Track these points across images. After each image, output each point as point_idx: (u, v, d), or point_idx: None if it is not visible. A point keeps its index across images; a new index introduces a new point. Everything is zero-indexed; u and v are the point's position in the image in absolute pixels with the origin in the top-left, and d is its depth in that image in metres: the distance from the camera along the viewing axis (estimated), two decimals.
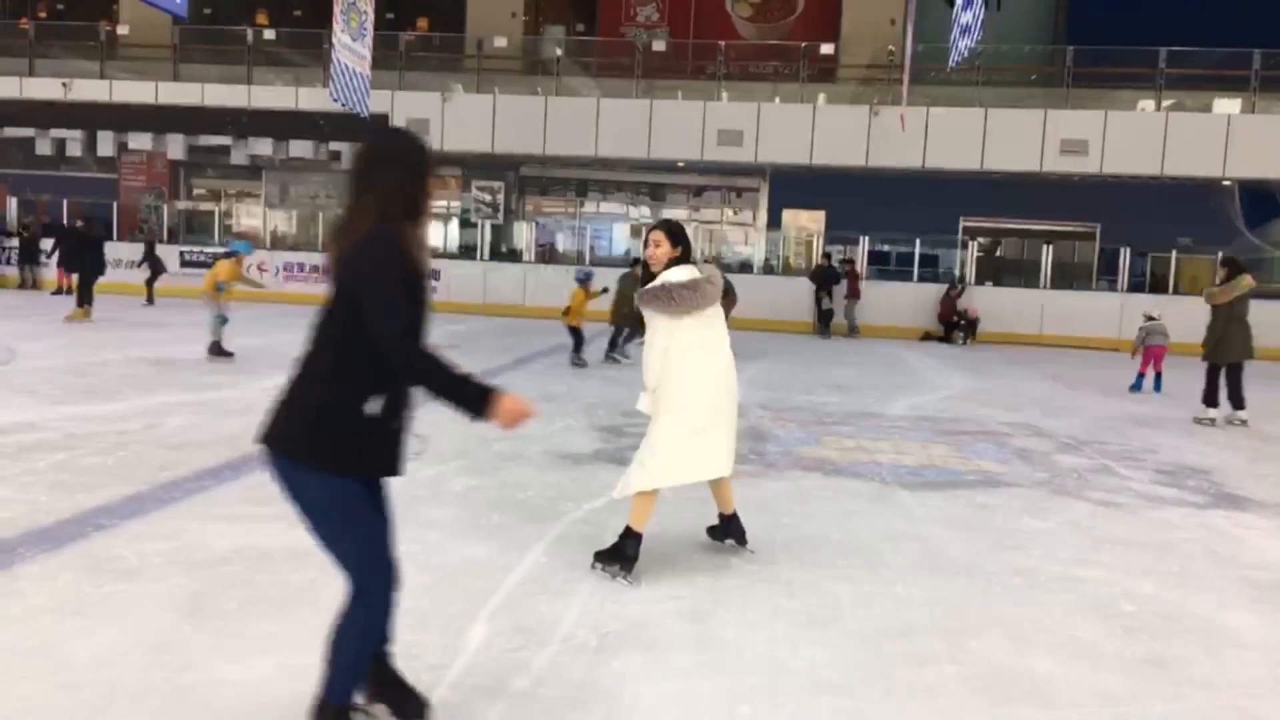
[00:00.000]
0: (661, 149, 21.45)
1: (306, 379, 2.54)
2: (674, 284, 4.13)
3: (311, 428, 2.51)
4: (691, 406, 4.22)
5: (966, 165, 20.51)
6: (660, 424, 4.22)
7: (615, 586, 4.11)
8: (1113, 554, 4.97)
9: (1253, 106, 20.86)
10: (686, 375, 4.20)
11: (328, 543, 2.59)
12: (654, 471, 4.20)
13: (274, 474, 2.57)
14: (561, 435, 7.64)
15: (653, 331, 4.19)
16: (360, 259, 2.44)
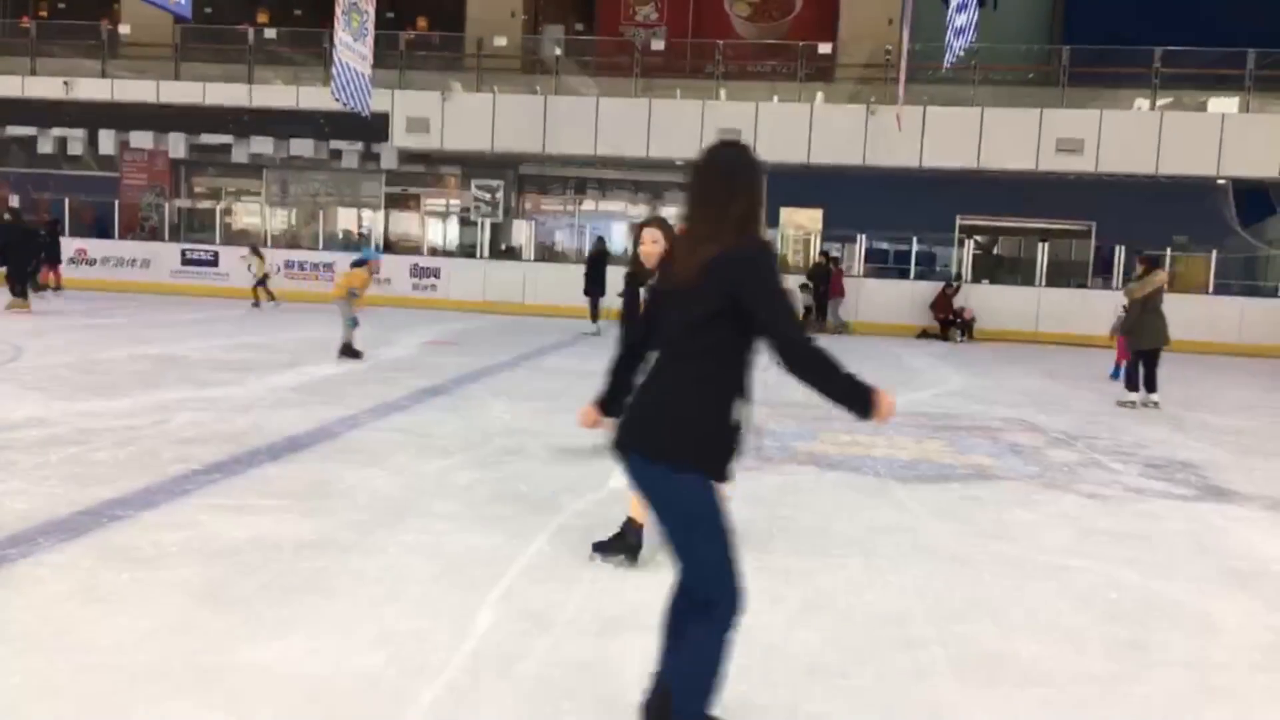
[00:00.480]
0: (660, 148, 21.59)
1: (682, 386, 2.53)
2: None
3: (693, 433, 2.50)
4: None
5: (963, 164, 20.66)
6: None
7: (617, 574, 4.25)
8: (1099, 544, 5.11)
9: (1247, 106, 21.02)
10: None
11: (690, 549, 2.56)
12: None
13: (643, 480, 2.57)
14: (562, 430, 7.77)
15: None
16: (749, 269, 2.47)
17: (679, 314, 2.54)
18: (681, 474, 2.49)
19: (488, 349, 13.83)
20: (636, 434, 2.56)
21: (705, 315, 2.48)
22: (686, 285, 2.51)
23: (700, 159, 2.65)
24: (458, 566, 4.29)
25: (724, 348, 2.51)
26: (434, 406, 8.69)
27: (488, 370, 11.46)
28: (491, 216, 24.15)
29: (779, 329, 2.46)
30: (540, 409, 8.73)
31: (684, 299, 2.52)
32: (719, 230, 2.50)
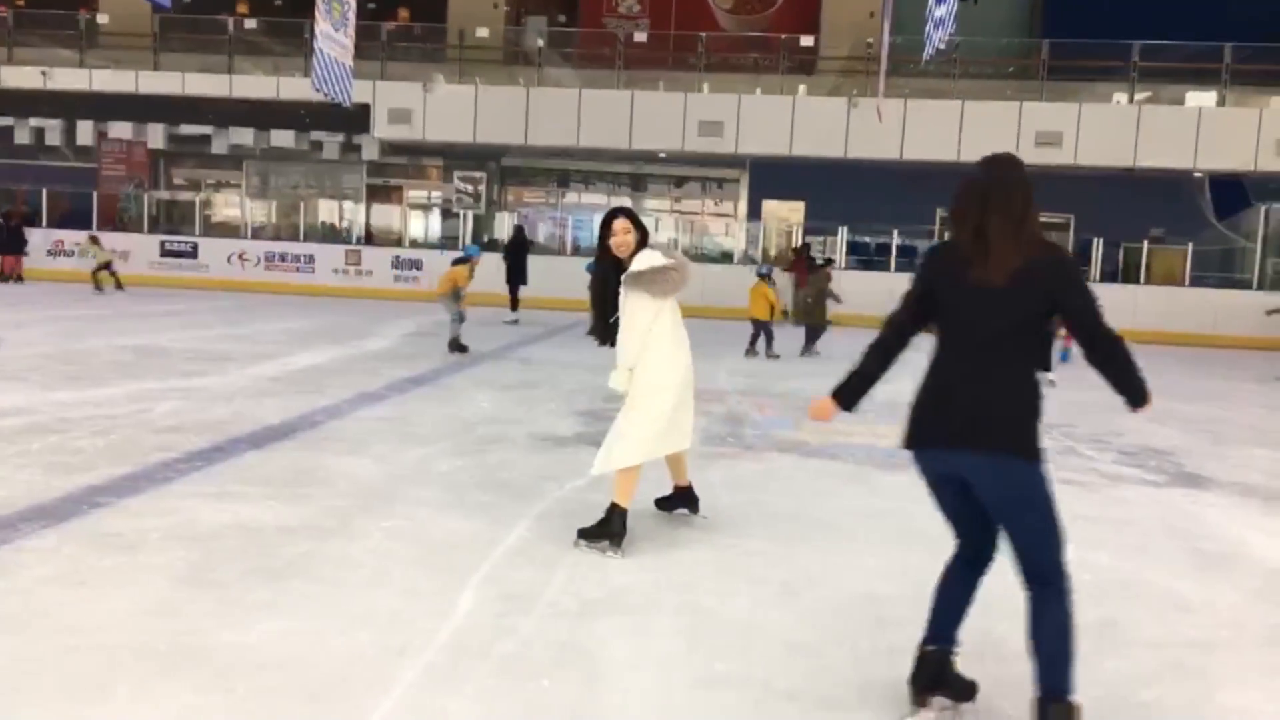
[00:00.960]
0: (643, 140, 21.61)
1: (1014, 383, 2.73)
2: (664, 267, 4.31)
3: (1035, 425, 2.72)
4: (671, 385, 4.42)
5: (943, 157, 20.75)
6: (642, 401, 4.40)
7: (597, 559, 4.29)
8: (1073, 528, 5.12)
9: (1224, 99, 21.23)
10: (665, 355, 4.40)
11: (1035, 533, 2.76)
12: (638, 446, 4.39)
13: (983, 474, 2.74)
14: (543, 419, 7.81)
15: (636, 312, 4.36)
16: (1065, 272, 2.73)
17: (994, 317, 2.72)
18: (1033, 464, 2.71)
19: (469, 340, 13.82)
20: (977, 431, 2.72)
21: (1026, 317, 2.72)
22: (1001, 288, 2.69)
23: (989, 175, 2.83)
24: (439, 551, 4.32)
25: (1034, 344, 2.77)
26: (415, 396, 8.70)
27: (469, 360, 11.48)
28: (474, 208, 24.11)
29: (1094, 323, 2.72)
30: (522, 398, 8.77)
31: (993, 303, 2.71)
32: (1019, 240, 2.70)
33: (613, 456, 4.43)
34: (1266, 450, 7.98)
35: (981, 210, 2.75)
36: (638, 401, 4.41)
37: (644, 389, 4.40)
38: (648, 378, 4.39)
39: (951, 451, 2.76)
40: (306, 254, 22.57)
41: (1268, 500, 6.09)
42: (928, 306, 2.90)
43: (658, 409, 4.41)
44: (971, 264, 2.73)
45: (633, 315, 4.37)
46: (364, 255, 22.58)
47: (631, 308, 4.37)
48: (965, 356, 2.78)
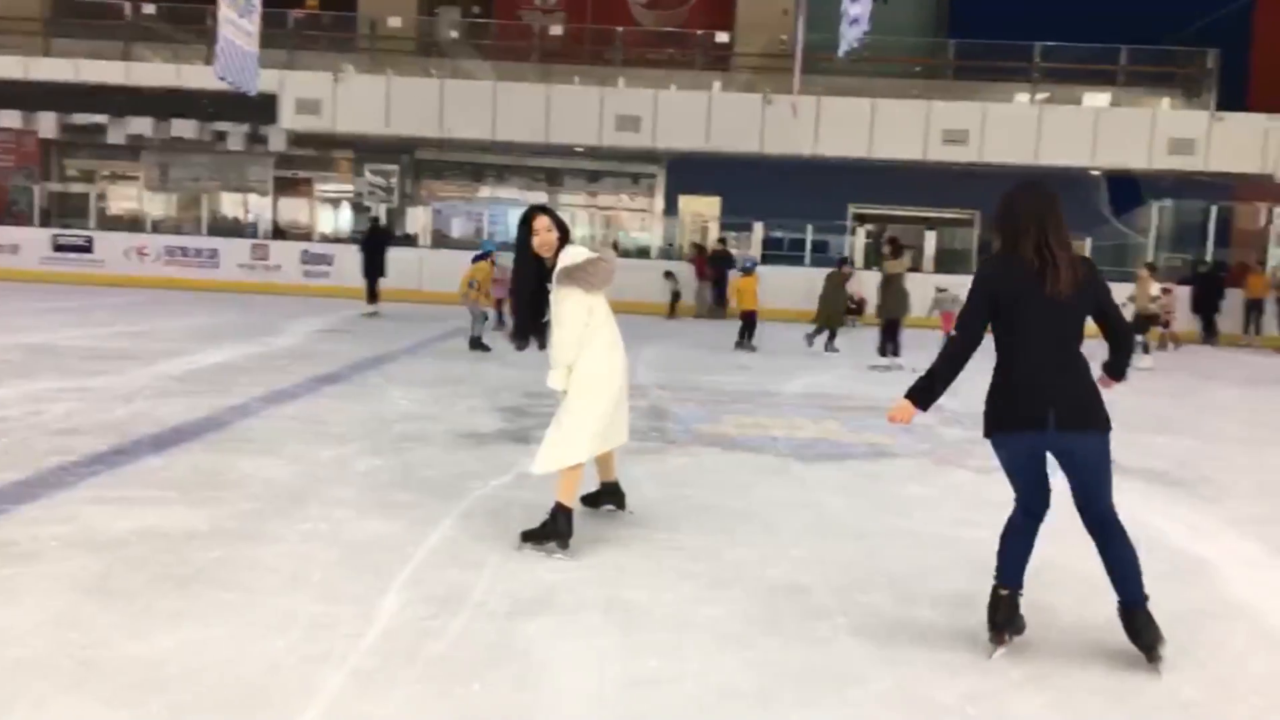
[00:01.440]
0: (560, 134, 21.48)
1: (1079, 368, 3.33)
2: (595, 258, 4.25)
3: (1103, 406, 3.37)
4: (610, 379, 4.37)
5: (855, 153, 21.16)
6: (582, 398, 4.33)
7: (525, 557, 4.22)
8: (989, 515, 5.26)
9: (1119, 100, 22.09)
10: (602, 350, 4.35)
11: (1107, 487, 3.49)
12: (582, 444, 4.33)
13: (1079, 448, 3.39)
14: (464, 416, 7.68)
15: (571, 309, 4.29)
16: (1100, 279, 3.37)
17: (1067, 322, 3.32)
18: (1106, 434, 3.39)
19: (383, 336, 13.55)
20: (1082, 414, 3.34)
21: (1084, 318, 3.36)
22: (1068, 296, 3.24)
23: (1044, 198, 3.35)
24: (360, 553, 4.19)
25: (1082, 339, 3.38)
26: (329, 394, 8.47)
27: (384, 358, 11.23)
28: (387, 202, 23.63)
29: (1119, 316, 3.50)
30: (440, 395, 8.60)
31: (1065, 311, 3.29)
32: (1072, 258, 3.28)
33: (555, 455, 4.36)
34: (1168, 438, 8.29)
35: (1041, 230, 3.25)
36: (578, 398, 4.35)
37: (584, 385, 4.33)
38: (587, 373, 4.33)
39: (1060, 433, 3.31)
40: (210, 248, 21.82)
41: (1170, 486, 6.33)
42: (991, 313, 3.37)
43: (599, 405, 4.35)
44: (1043, 279, 3.23)
45: (567, 313, 4.30)
46: (271, 250, 21.93)
47: (565, 305, 4.30)
48: (1049, 355, 3.30)
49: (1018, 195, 3.37)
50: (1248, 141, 20.88)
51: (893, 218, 24.28)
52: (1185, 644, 3.57)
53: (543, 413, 7.94)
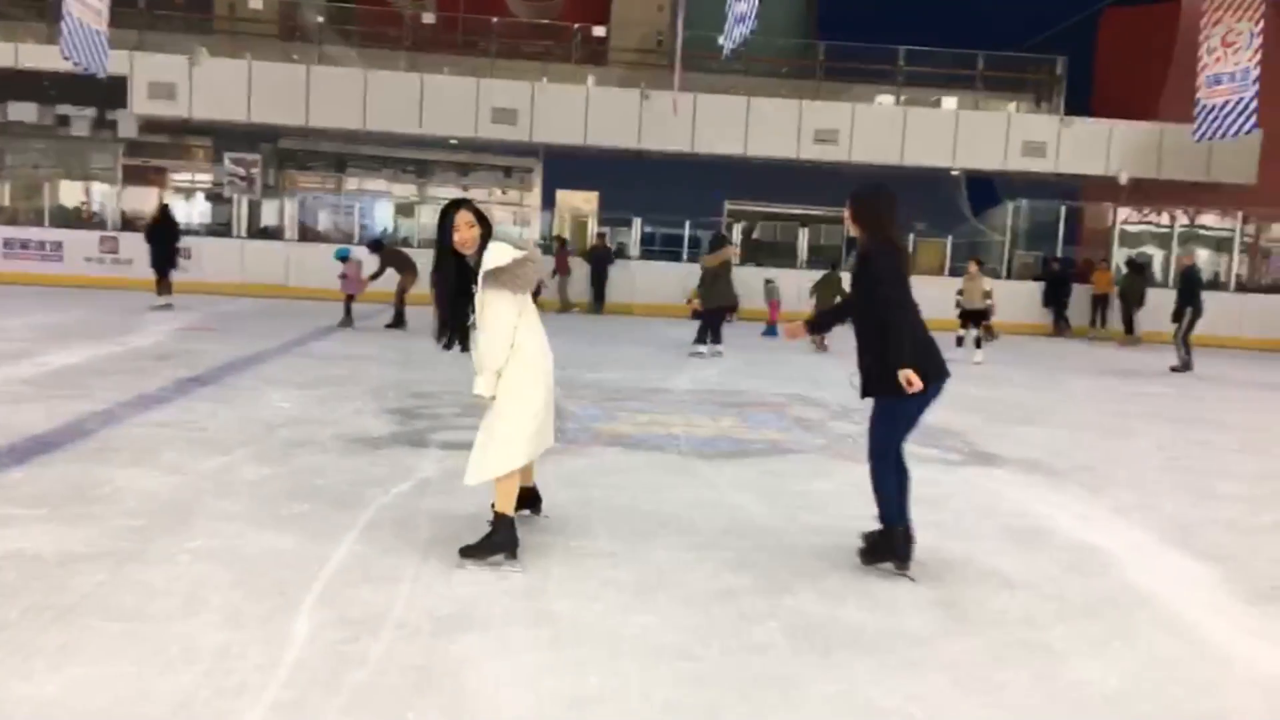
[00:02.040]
0: (433, 125, 20.96)
1: None
2: (522, 259, 4.08)
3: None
4: (539, 382, 4.22)
5: (732, 151, 21.43)
6: (514, 401, 4.15)
7: (440, 570, 4.03)
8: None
9: (975, 104, 23.10)
10: (532, 352, 4.19)
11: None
12: (515, 449, 4.16)
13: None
14: (352, 419, 7.34)
15: (500, 313, 4.10)
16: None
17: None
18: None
19: (251, 335, 12.88)
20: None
21: None
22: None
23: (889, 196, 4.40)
24: (260, 571, 3.92)
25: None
26: (201, 397, 7.97)
27: (256, 358, 10.67)
28: (248, 193, 22.55)
29: None
30: (322, 397, 8.22)
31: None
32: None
33: (490, 463, 4.16)
34: (1034, 428, 8.67)
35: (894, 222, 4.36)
36: (509, 403, 4.16)
37: (514, 389, 4.15)
38: (518, 378, 4.15)
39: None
40: (53, 240, 20.34)
41: (1050, 476, 6.59)
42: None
43: (530, 408, 4.19)
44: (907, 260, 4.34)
45: (497, 316, 4.11)
46: (121, 242, 20.58)
47: (494, 308, 4.10)
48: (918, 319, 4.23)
49: (889, 194, 4.37)
50: (1093, 145, 22.17)
51: (766, 214, 24.76)
52: (1103, 635, 3.69)
53: (433, 414, 7.71)
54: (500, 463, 4.17)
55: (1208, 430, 9.06)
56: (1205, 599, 4.19)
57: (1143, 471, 6.94)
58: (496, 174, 24.33)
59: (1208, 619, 3.95)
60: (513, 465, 4.18)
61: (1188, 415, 10.00)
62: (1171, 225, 22.69)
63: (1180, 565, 4.67)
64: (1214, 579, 4.45)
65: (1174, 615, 3.96)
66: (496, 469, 4.17)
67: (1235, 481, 6.71)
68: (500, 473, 4.17)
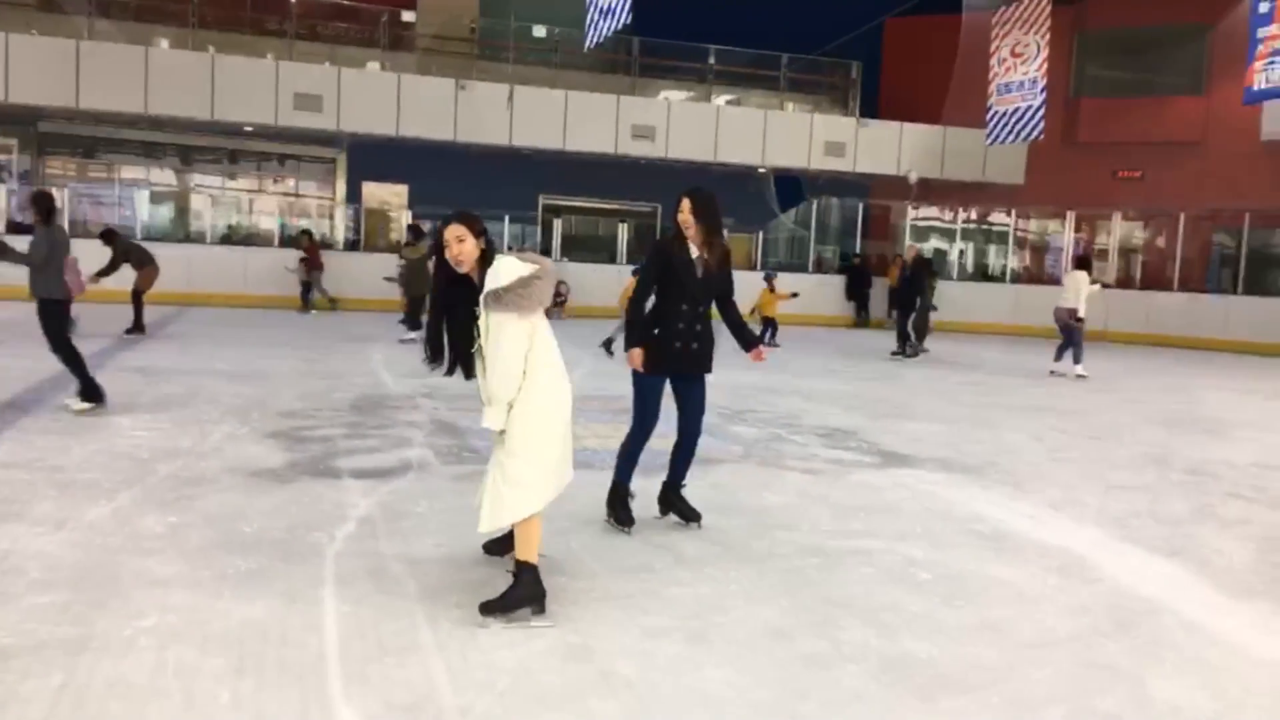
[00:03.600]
0: (228, 110, 19.27)
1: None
2: (528, 277, 3.66)
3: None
4: (556, 412, 3.82)
5: (550, 144, 21.08)
6: (529, 436, 3.73)
7: (460, 632, 3.56)
8: (862, 521, 5.37)
9: (780, 105, 23.93)
10: (547, 379, 3.77)
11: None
12: (536, 491, 3.74)
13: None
14: (232, 447, 6.52)
15: (509, 338, 3.66)
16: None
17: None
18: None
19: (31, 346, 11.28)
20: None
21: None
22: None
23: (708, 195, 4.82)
24: (253, 652, 3.31)
25: None
26: (33, 429, 6.84)
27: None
28: (4, 181, 19.89)
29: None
30: (180, 421, 7.27)
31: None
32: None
33: (508, 508, 3.71)
34: (914, 423, 8.98)
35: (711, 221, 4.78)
36: (524, 438, 3.73)
37: (529, 422, 3.73)
38: (534, 408, 3.72)
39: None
40: None
41: (970, 474, 6.78)
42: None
43: (547, 443, 3.78)
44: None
45: (506, 341, 3.66)
46: None
47: (502, 333, 3.66)
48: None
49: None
50: (885, 146, 23.52)
51: (580, 209, 24.59)
52: (1152, 649, 3.75)
53: (320, 437, 6.98)
54: (518, 506, 3.75)
55: (1053, 417, 9.70)
56: (1203, 599, 4.35)
57: (1040, 464, 7.29)
58: (299, 165, 22.76)
59: (1226, 622, 4.07)
60: (532, 508, 3.77)
61: (1026, 404, 10.68)
62: (955, 221, 24.49)
63: (1146, 563, 4.88)
64: (1189, 577, 4.67)
65: (1193, 623, 4.06)
66: (514, 513, 3.75)
67: (1119, 470, 7.18)
68: (519, 518, 3.76)
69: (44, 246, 7.39)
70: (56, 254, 7.46)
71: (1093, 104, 22.74)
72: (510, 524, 3.76)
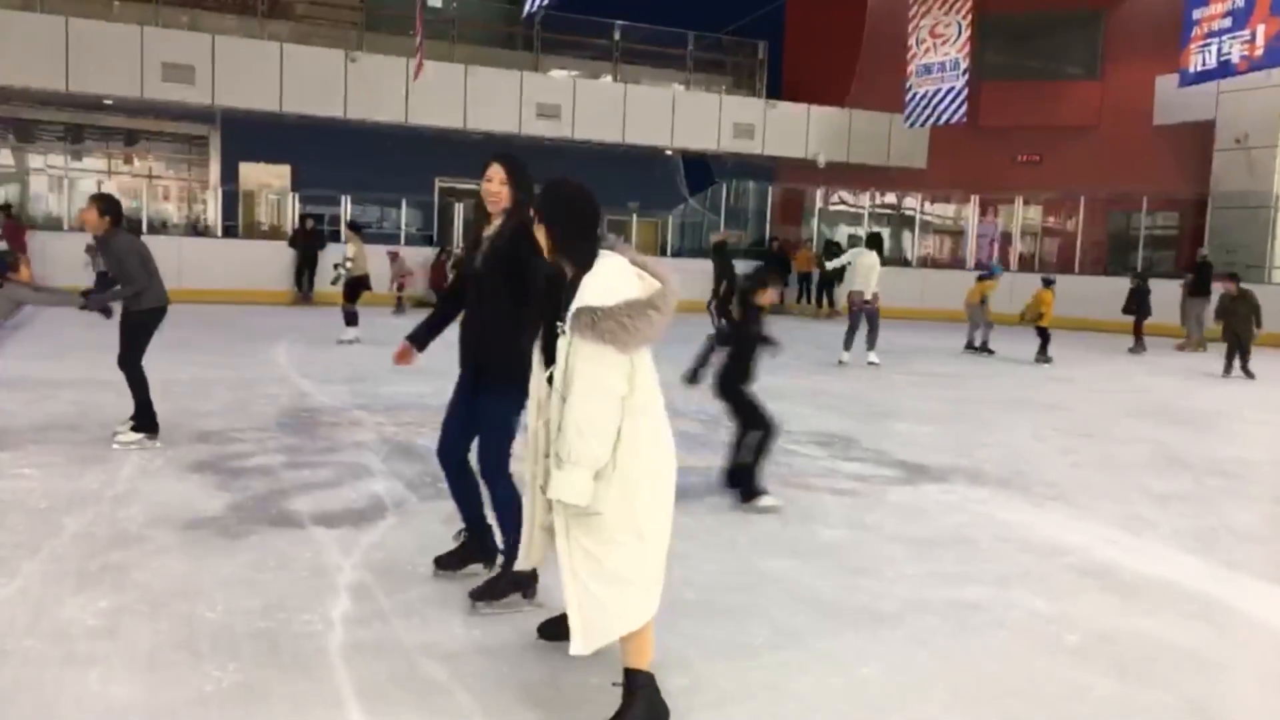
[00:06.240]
0: (85, 81, 17.19)
1: None
2: (640, 303, 2.70)
3: None
4: (665, 474, 2.87)
5: (449, 124, 19.73)
6: (636, 512, 2.77)
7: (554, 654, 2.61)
8: (942, 560, 4.62)
9: (687, 85, 23.19)
10: (649, 429, 2.81)
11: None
12: (641, 593, 2.82)
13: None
14: (148, 487, 5.29)
15: (602, 375, 2.71)
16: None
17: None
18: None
19: None
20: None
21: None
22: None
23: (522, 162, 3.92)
24: None
25: None
26: None
27: None
28: None
29: None
30: (79, 456, 5.93)
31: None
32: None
33: (614, 618, 2.77)
34: (905, 424, 8.34)
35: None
36: (626, 516, 2.76)
37: (630, 493, 2.76)
38: (632, 473, 2.76)
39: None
40: None
41: (1005, 487, 6.13)
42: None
43: (658, 518, 2.84)
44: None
45: (597, 380, 2.71)
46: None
47: (592, 366, 2.70)
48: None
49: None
50: (793, 128, 23.06)
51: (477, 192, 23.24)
52: None
53: (259, 468, 5.76)
54: (629, 612, 2.80)
55: (1035, 412, 9.26)
56: None
57: (1065, 471, 6.72)
58: (166, 142, 20.69)
59: None
60: (648, 611, 2.83)
61: (995, 397, 10.22)
62: (865, 205, 24.33)
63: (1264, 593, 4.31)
64: None
65: None
66: (625, 622, 2.79)
67: (1146, 474, 6.69)
68: (626, 630, 2.81)
69: (134, 256, 6.14)
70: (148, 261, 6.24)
71: (993, 87, 22.82)
72: (619, 637, 2.81)
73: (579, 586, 2.81)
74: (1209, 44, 12.25)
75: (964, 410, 9.25)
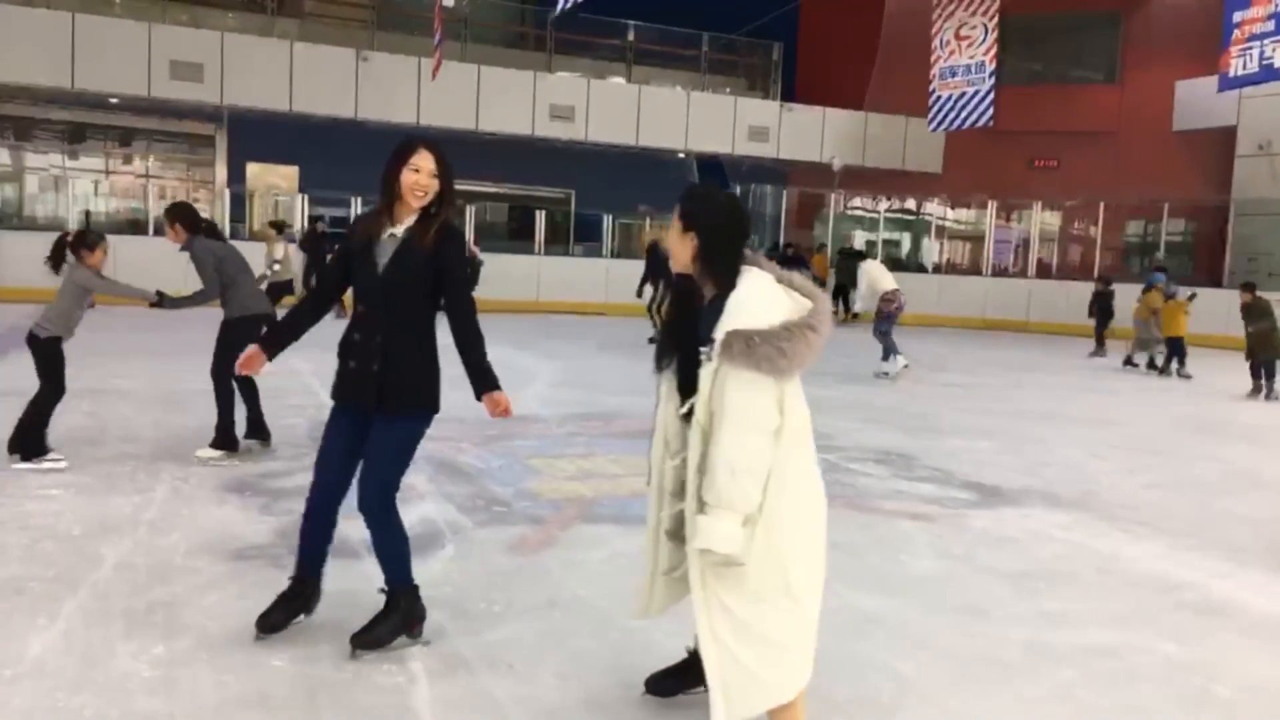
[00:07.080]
0: (91, 79, 16.83)
1: None
2: (799, 326, 2.38)
3: None
4: (817, 518, 2.54)
5: (463, 125, 19.39)
6: (779, 571, 2.45)
7: None
8: (1051, 596, 4.29)
9: (701, 87, 22.87)
10: (798, 468, 2.49)
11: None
12: (794, 656, 2.51)
13: None
14: (185, 510, 4.95)
15: (753, 406, 2.40)
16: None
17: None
18: None
19: None
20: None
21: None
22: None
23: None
24: None
25: None
26: None
27: None
28: None
29: None
30: (107, 474, 5.59)
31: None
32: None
33: (770, 686, 2.44)
34: (957, 439, 8.01)
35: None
36: (776, 570, 2.44)
37: (781, 542, 2.44)
38: (781, 519, 2.44)
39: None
40: None
41: (1086, 511, 5.81)
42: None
43: (809, 569, 2.52)
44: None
45: (748, 412, 2.39)
46: None
47: (745, 400, 2.39)
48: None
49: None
50: (809, 131, 22.76)
51: (488, 195, 22.93)
52: None
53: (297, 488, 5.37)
54: (784, 680, 2.50)
55: (1080, 428, 8.93)
56: None
57: (1138, 493, 6.41)
58: (171, 143, 20.30)
59: None
60: (797, 686, 2.51)
61: (1039, 409, 9.90)
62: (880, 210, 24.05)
63: None
64: None
65: None
66: (781, 691, 2.48)
67: (1222, 497, 6.39)
68: (779, 701, 2.48)
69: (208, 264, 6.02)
70: (228, 265, 6.13)
71: (1009, 91, 22.52)
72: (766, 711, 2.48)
73: (720, 649, 2.47)
74: (1250, 48, 11.97)
75: (1013, 425, 8.92)
